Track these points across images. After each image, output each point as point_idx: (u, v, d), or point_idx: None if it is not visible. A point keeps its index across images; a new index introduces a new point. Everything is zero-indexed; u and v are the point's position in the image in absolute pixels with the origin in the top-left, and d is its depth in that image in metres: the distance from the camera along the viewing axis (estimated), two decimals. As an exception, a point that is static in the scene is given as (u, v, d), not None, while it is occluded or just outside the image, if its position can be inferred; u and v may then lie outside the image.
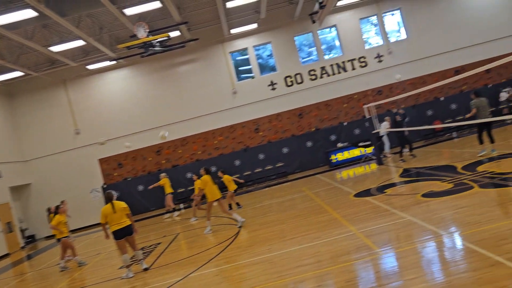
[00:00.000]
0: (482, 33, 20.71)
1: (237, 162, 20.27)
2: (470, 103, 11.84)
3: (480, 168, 10.04)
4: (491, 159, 10.86)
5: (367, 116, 16.58)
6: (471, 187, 8.37)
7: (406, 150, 15.46)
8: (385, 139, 17.38)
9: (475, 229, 5.90)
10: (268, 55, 21.82)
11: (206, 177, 10.48)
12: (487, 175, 9.12)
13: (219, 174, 13.39)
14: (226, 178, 13.07)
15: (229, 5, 16.97)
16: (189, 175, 19.45)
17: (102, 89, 20.95)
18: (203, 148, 20.72)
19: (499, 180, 8.35)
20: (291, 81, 21.00)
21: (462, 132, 19.06)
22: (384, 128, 16.56)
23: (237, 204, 13.74)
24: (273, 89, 20.98)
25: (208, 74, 20.85)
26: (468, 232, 5.89)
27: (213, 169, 15.08)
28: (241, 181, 14.71)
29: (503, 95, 19.72)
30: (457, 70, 20.29)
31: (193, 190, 14.47)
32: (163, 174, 16.07)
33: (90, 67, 19.89)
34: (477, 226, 5.98)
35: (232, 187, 13.07)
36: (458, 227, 6.27)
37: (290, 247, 7.33)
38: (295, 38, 21.36)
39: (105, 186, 20.10)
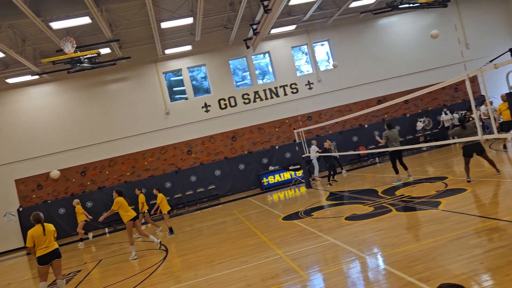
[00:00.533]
0: (402, 67, 22.48)
1: (168, 184, 19.82)
2: (382, 134, 12.78)
3: (398, 192, 10.72)
4: (407, 184, 11.65)
5: (297, 141, 17.12)
6: (390, 210, 8.90)
7: (339, 172, 16.26)
8: (315, 163, 18.04)
9: (391, 251, 6.25)
10: (203, 77, 21.88)
11: (120, 199, 10.37)
12: (404, 199, 9.76)
13: (154, 192, 13.33)
14: (160, 197, 13.02)
15: (163, 25, 16.89)
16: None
17: (22, 104, 19.59)
18: (133, 169, 20.03)
19: (413, 204, 8.96)
20: (225, 104, 21.18)
21: (384, 158, 20.30)
22: (313, 152, 17.21)
23: (171, 229, 13.06)
24: (207, 111, 21.00)
25: (140, 93, 20.40)
26: (385, 254, 6.22)
27: (143, 191, 14.62)
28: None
29: (419, 125, 21.41)
30: (380, 100, 21.74)
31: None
32: (76, 201, 15.27)
33: (10, 80, 18.57)
34: (393, 248, 6.34)
35: (165, 208, 12.95)
36: (376, 249, 6.60)
37: (218, 272, 7.24)
38: (230, 61, 21.69)
39: (21, 209, 18.58)
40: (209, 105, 21.01)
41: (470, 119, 18.16)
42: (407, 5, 18.85)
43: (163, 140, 20.37)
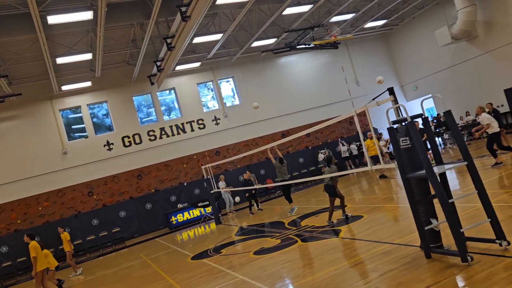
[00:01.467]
0: (302, 102, 23.86)
1: (67, 230, 18.17)
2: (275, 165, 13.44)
3: (303, 223, 11.10)
4: (311, 214, 12.14)
5: (206, 177, 17.03)
6: (295, 242, 9.14)
7: (254, 204, 16.51)
8: (225, 198, 18.03)
9: (297, 282, 6.37)
10: (104, 114, 20.95)
11: (34, 243, 9.40)
12: (308, 229, 10.12)
13: (59, 230, 12.77)
14: (65, 236, 12.48)
15: (59, 61, 16.01)
16: (4, 249, 16.66)
17: None
18: (24, 216, 18.09)
19: (316, 234, 9.33)
20: (129, 141, 20.42)
21: (296, 187, 21.00)
22: (221, 186, 17.27)
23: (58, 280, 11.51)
24: (110, 149, 20.02)
25: (33, 132, 18.79)
26: (291, 286, 6.31)
27: (67, 229, 13.53)
28: None
29: (321, 156, 22.69)
30: (284, 134, 22.72)
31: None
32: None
33: None
34: (298, 280, 6.47)
35: (68, 247, 12.50)
36: (283, 282, 6.68)
37: (120, 324, 6.71)
38: (134, 98, 21.15)
39: None
40: (112, 143, 20.08)
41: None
42: (303, 46, 20.30)
43: (60, 182, 18.84)
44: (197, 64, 21.04)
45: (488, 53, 21.32)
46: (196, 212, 18.88)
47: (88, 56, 16.32)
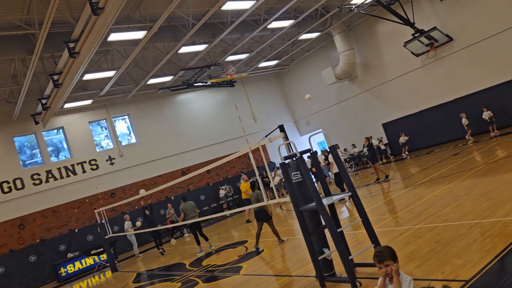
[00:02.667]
0: (201, 139, 23.91)
1: None
2: (179, 208, 13.12)
3: (204, 263, 10.86)
4: (211, 253, 11.95)
5: (99, 221, 15.87)
6: (197, 283, 8.86)
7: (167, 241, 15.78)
8: (131, 239, 16.90)
9: (197, 327, 6.12)
10: (-21, 158, 18.60)
11: None
12: (210, 268, 9.91)
13: None
14: None
15: None
16: None
17: None
18: None
19: (218, 273, 9.17)
20: (9, 187, 18.31)
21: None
22: (126, 227, 16.32)
23: None
24: (-15, 197, 17.72)
25: None
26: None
27: None
28: None
29: (222, 192, 22.74)
30: (184, 171, 22.40)
31: None
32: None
33: None
34: (199, 324, 6.23)
35: None
36: (183, 329, 6.37)
37: None
38: (15, 139, 19.21)
39: None
40: (-12, 190, 17.82)
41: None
42: (200, 84, 20.60)
43: None
44: (89, 102, 20.00)
45: (367, 92, 23.81)
46: (89, 261, 17.32)
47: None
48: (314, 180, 14.20)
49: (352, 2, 18.72)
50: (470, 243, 5.73)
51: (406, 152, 20.79)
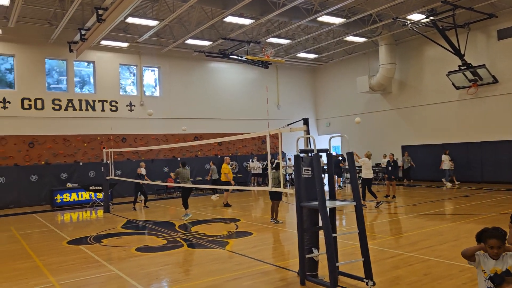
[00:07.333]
0: (222, 111, 23.93)
1: None
2: (175, 170, 13.19)
3: (193, 229, 11.01)
4: (204, 222, 12.10)
5: (105, 161, 16.15)
6: (181, 245, 9.01)
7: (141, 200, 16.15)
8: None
9: (173, 286, 6.26)
10: (8, 69, 18.96)
11: None
12: (197, 235, 10.05)
13: None
14: None
15: (-32, -3, 14.22)
16: None
17: None
18: None
19: (204, 242, 9.29)
20: (29, 105, 18.68)
21: (195, 192, 20.75)
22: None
23: None
24: (4, 107, 18.12)
25: None
26: (165, 290, 6.19)
27: None
28: None
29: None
30: (196, 137, 22.52)
31: None
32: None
33: None
34: (174, 284, 6.36)
35: None
36: (158, 284, 6.51)
37: (-36, 300, 5.98)
38: (47, 60, 19.49)
39: None
40: (8, 102, 18.23)
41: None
42: (236, 57, 20.51)
43: None
44: (125, 45, 20.09)
45: (396, 110, 23.47)
46: (85, 195, 17.70)
47: (4, 1, 14.70)
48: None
49: (408, 17, 18.30)
50: (458, 285, 5.70)
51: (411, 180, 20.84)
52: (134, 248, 8.96)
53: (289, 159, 22.79)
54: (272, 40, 20.87)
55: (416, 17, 18.21)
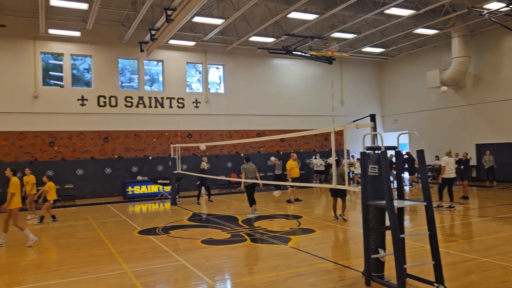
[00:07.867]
0: (284, 107, 23.91)
1: (19, 174, 17.55)
2: (240, 167, 13.23)
3: (256, 224, 11.14)
4: (266, 217, 12.19)
5: (172, 155, 16.83)
6: (245, 240, 9.16)
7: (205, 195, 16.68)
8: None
9: (236, 279, 6.38)
10: (86, 69, 20.38)
11: (16, 179, 9.37)
12: (260, 231, 10.16)
13: (44, 179, 12.83)
14: (49, 186, 12.51)
15: (53, 2, 15.39)
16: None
17: None
18: (-22, 150, 17.40)
19: (267, 237, 9.37)
20: (105, 102, 19.95)
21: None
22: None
23: (53, 216, 12.94)
24: (83, 104, 19.51)
25: (8, 68, 18.09)
26: (229, 282, 6.32)
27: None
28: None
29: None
30: (259, 133, 22.73)
31: None
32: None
33: None
34: (238, 277, 6.48)
35: (52, 196, 12.55)
36: (223, 276, 6.67)
37: (50, 280, 6.53)
38: (120, 60, 20.67)
39: None
40: (86, 99, 19.58)
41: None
42: (299, 53, 20.35)
43: (24, 125, 18.25)
44: (191, 43, 20.76)
45: (470, 106, 22.01)
46: (154, 188, 18.63)
47: (83, 5, 15.80)
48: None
49: (485, 6, 17.05)
50: (541, 295, 5.24)
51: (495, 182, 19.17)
52: (200, 240, 9.26)
53: (352, 156, 22.26)
54: (336, 34, 20.47)
55: (494, 5, 16.91)
